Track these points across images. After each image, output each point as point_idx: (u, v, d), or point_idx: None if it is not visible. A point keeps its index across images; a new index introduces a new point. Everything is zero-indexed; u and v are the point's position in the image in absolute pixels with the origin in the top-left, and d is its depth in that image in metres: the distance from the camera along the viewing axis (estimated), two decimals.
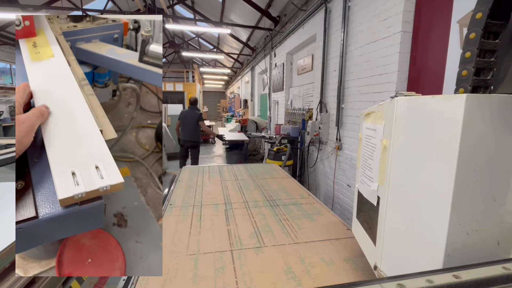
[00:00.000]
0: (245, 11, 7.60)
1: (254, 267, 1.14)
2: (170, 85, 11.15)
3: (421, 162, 0.76)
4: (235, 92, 18.21)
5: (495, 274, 0.53)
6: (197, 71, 15.05)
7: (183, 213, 1.72)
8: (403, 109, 0.79)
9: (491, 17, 0.84)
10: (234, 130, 8.44)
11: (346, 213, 3.59)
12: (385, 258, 0.85)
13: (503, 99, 0.69)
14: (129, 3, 8.09)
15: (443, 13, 2.28)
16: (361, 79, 3.23)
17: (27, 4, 6.44)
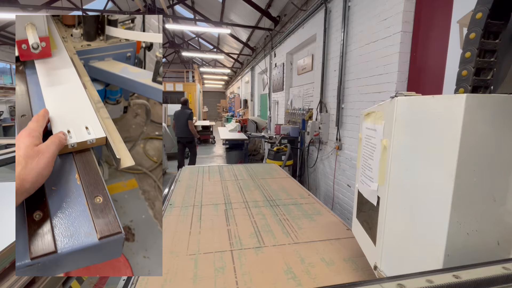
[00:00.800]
0: (245, 11, 7.60)
1: (254, 267, 1.14)
2: (170, 85, 11.16)
3: (421, 162, 0.76)
4: (235, 92, 18.21)
5: (495, 274, 0.53)
6: (197, 71, 15.06)
7: (183, 213, 1.72)
8: (403, 109, 0.79)
9: (491, 17, 0.84)
10: (234, 130, 8.45)
11: (346, 213, 3.59)
12: (385, 258, 0.85)
13: (503, 99, 0.69)
14: (129, 3, 8.09)
15: (443, 13, 2.28)
16: (361, 79, 3.23)
17: (27, 4, 6.44)
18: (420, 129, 0.76)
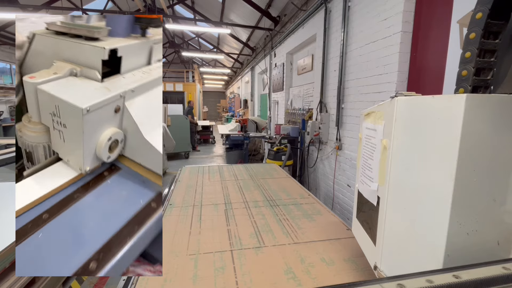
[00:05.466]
0: (245, 11, 7.60)
1: (254, 267, 1.14)
2: (170, 85, 11.15)
3: (421, 162, 0.76)
4: (235, 92, 18.20)
5: (495, 274, 0.53)
6: (197, 71, 15.05)
7: (183, 213, 1.72)
8: (403, 109, 0.79)
9: (491, 17, 0.84)
10: (234, 130, 8.45)
11: (346, 213, 3.59)
12: (385, 258, 0.85)
13: (503, 99, 0.69)
14: (129, 3, 8.09)
15: (443, 13, 2.28)
16: (361, 79, 3.23)
17: (27, 4, 6.44)
18: (420, 129, 0.76)
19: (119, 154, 0.94)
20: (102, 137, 0.87)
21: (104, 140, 0.87)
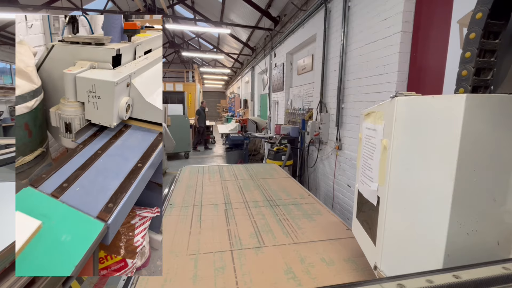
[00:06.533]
0: (245, 11, 7.60)
1: (254, 267, 1.14)
2: (170, 85, 11.15)
3: (421, 162, 0.76)
4: (235, 92, 18.20)
5: (495, 274, 0.53)
6: (197, 71, 15.05)
7: (183, 213, 1.72)
8: (403, 109, 0.79)
9: (491, 17, 0.84)
10: (234, 130, 8.44)
11: (346, 213, 3.59)
12: (385, 258, 0.85)
13: (503, 99, 0.69)
14: (129, 3, 8.09)
15: (443, 13, 2.28)
16: (361, 79, 3.23)
17: (27, 4, 6.44)
18: (420, 129, 0.76)
19: (129, 117, 1.39)
20: (121, 102, 1.30)
21: (123, 104, 1.30)
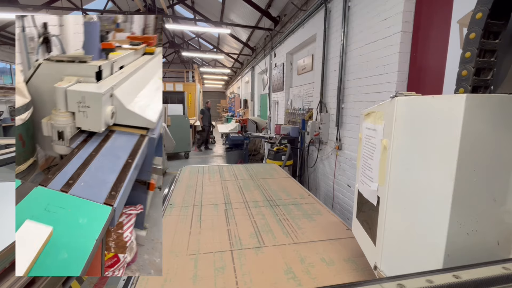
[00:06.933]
0: (245, 11, 7.60)
1: (254, 267, 1.14)
2: (170, 85, 11.14)
3: (421, 162, 0.76)
4: (235, 92, 18.20)
5: (495, 274, 0.53)
6: (197, 71, 15.04)
7: (183, 213, 1.72)
8: (403, 109, 0.79)
9: (491, 17, 0.84)
10: (234, 130, 8.44)
11: (346, 213, 3.59)
12: (385, 258, 0.85)
13: (503, 99, 0.69)
14: (129, 3, 8.08)
15: (443, 13, 2.28)
16: (361, 79, 3.23)
17: (27, 4, 6.44)
18: (420, 129, 0.76)
19: (114, 123, 1.56)
20: (107, 110, 1.46)
21: (109, 112, 1.47)
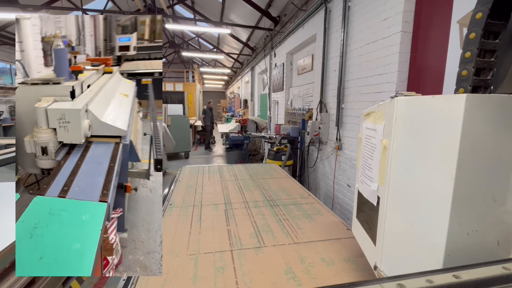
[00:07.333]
0: (245, 11, 7.60)
1: (254, 267, 1.14)
2: (170, 85, 11.13)
3: (421, 162, 0.76)
4: (235, 92, 18.20)
5: (495, 274, 0.53)
6: (197, 71, 15.04)
7: (183, 213, 1.72)
8: (403, 109, 0.79)
9: (491, 17, 0.84)
10: (234, 130, 8.45)
11: (346, 213, 3.59)
12: (385, 258, 0.85)
13: (503, 99, 0.69)
14: (129, 3, 8.08)
15: (443, 13, 2.28)
16: (361, 79, 3.23)
17: (27, 4, 6.44)
18: (420, 129, 0.76)
19: (90, 135, 1.71)
20: (84, 124, 1.63)
21: (86, 125, 1.64)
